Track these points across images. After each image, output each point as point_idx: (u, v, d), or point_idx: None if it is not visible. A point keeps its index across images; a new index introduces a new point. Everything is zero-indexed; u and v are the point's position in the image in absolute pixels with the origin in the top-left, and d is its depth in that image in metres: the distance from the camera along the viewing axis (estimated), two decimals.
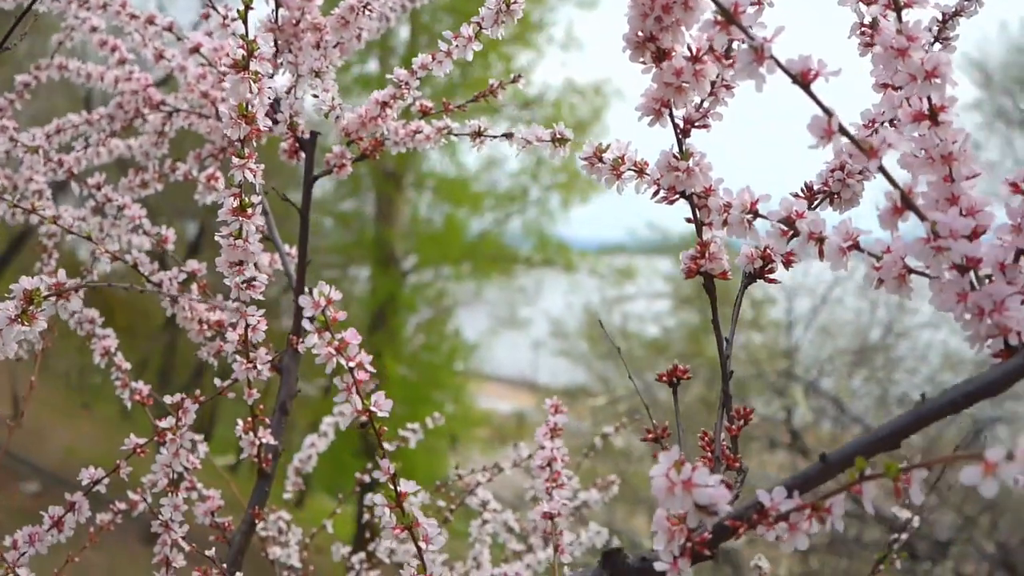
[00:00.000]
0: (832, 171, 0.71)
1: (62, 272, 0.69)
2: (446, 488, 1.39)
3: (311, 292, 0.62)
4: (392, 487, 0.66)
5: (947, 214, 0.53)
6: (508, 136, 0.92)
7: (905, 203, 0.53)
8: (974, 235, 0.55)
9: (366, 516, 1.37)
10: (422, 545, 0.67)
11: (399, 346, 11.37)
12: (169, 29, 1.12)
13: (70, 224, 1.04)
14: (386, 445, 0.67)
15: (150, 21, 1.13)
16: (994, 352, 0.52)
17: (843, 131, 0.52)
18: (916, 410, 0.51)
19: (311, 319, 0.62)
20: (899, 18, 0.56)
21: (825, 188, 0.71)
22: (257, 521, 1.03)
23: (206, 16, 1.13)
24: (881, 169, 0.53)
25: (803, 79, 0.53)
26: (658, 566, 0.57)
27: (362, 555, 1.47)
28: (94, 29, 1.24)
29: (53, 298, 0.67)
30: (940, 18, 0.72)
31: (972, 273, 0.54)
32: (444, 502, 1.35)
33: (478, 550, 1.31)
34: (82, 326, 1.16)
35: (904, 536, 1.14)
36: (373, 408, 0.65)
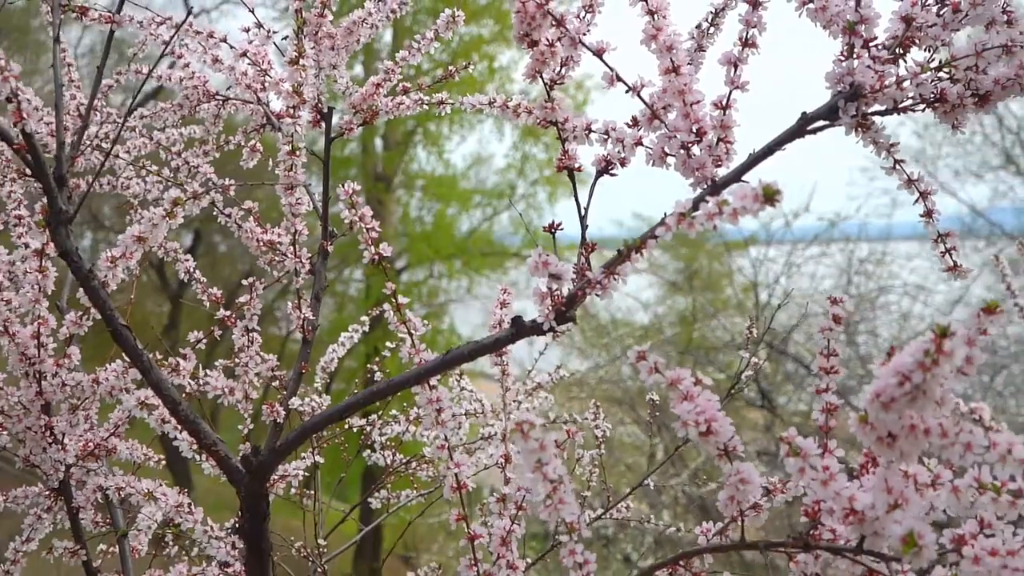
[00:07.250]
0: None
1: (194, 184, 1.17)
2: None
3: (342, 184, 1.10)
4: (394, 299, 1.15)
5: (675, 119, 1.01)
6: (459, 102, 1.40)
7: (654, 115, 1.02)
8: (699, 133, 1.03)
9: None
10: (412, 331, 1.15)
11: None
12: (224, 40, 1.60)
13: (165, 175, 1.52)
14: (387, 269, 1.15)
15: (210, 35, 1.61)
16: (704, 189, 1.01)
17: (619, 78, 1.01)
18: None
19: (341, 200, 1.11)
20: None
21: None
22: (303, 372, 1.51)
23: (247, 29, 1.62)
24: (639, 96, 1.01)
25: (598, 52, 1.01)
26: (538, 318, 1.05)
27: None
28: (165, 43, 1.72)
29: (191, 200, 1.15)
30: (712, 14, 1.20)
31: (694, 149, 1.02)
32: None
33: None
34: (168, 254, 1.65)
35: (750, 373, 1.63)
36: (381, 251, 1.13)
